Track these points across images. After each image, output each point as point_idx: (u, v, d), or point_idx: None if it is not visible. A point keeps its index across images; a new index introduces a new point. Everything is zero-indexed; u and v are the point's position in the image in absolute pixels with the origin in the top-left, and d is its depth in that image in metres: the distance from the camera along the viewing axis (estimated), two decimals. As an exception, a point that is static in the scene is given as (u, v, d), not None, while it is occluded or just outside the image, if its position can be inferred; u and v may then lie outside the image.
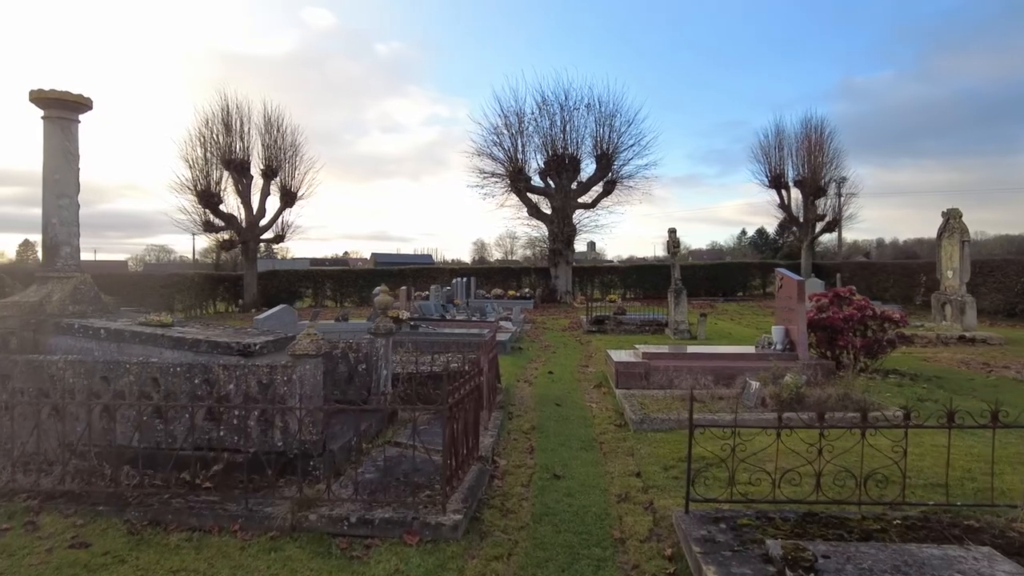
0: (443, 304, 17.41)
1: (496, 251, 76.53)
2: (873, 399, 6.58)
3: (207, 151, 23.10)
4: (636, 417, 6.15)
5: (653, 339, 13.16)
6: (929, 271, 22.26)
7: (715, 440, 4.43)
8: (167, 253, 69.99)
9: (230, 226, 24.13)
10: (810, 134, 29.10)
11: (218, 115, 23.77)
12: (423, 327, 12.07)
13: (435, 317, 13.68)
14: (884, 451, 3.89)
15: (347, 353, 6.69)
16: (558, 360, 10.88)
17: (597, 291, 28.91)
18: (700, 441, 5.34)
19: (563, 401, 7.55)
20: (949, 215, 13.26)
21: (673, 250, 13.89)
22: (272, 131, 24.92)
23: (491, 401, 6.57)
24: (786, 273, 8.67)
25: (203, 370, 4.82)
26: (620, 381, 7.77)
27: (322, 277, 27.55)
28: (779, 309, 8.77)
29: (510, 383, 8.61)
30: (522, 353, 11.59)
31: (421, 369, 7.45)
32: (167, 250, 69.41)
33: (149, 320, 5.82)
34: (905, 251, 63.47)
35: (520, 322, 16.41)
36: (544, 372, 9.57)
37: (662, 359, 7.97)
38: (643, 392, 7.36)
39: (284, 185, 24.88)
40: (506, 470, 5.08)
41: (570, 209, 26.78)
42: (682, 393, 7.07)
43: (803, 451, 3.88)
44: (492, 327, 12.77)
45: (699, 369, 7.65)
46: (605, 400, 7.62)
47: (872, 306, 8.40)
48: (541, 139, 26.87)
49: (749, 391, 6.73)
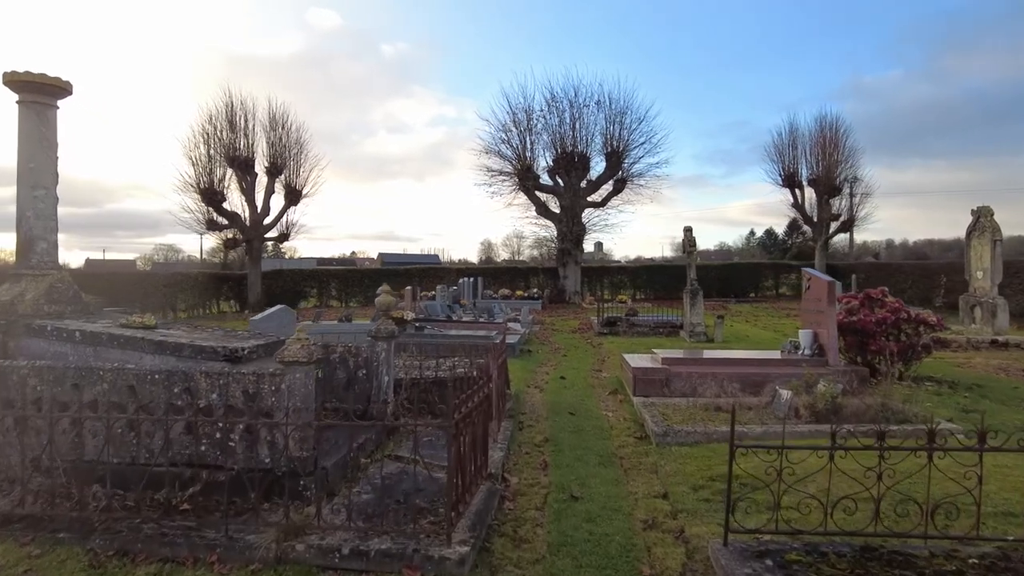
0: (449, 304, 16.95)
1: (503, 251, 76.13)
2: (914, 410, 6.05)
3: (211, 148, 22.77)
4: (658, 429, 5.65)
5: (668, 342, 12.64)
6: (949, 272, 21.65)
7: (751, 458, 3.93)
8: (175, 252, 70.14)
9: (234, 224, 23.77)
10: (825, 132, 28.48)
11: (222, 112, 23.45)
12: (428, 328, 11.60)
13: (441, 318, 13.21)
14: (948, 473, 3.38)
15: (346, 358, 6.23)
16: (569, 364, 10.39)
17: (606, 292, 28.40)
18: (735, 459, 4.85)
19: (577, 410, 7.05)
20: (980, 213, 12.66)
21: (689, 249, 13.36)
22: (277, 128, 24.57)
23: (500, 410, 6.09)
24: (815, 273, 8.15)
25: (183, 377, 4.36)
26: (638, 388, 7.27)
27: (327, 277, 27.18)
28: (806, 311, 8.25)
29: (520, 389, 8.12)
30: (531, 356, 11.10)
31: (426, 374, 6.97)
32: (175, 249, 69.53)
33: (131, 322, 5.36)
34: (915, 252, 62.68)
35: (529, 323, 15.92)
36: (555, 377, 9.08)
37: (683, 365, 7.47)
38: (663, 401, 6.85)
39: (289, 183, 24.51)
40: (518, 490, 4.60)
41: (579, 208, 26.27)
42: (706, 402, 6.56)
43: (855, 472, 3.38)
44: (500, 329, 12.30)
45: (723, 376, 7.14)
46: (622, 409, 7.12)
47: (907, 309, 7.86)
48: (550, 136, 26.43)
49: (779, 401, 6.22)
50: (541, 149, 26.70)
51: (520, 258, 64.26)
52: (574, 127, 26.07)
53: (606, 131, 26.21)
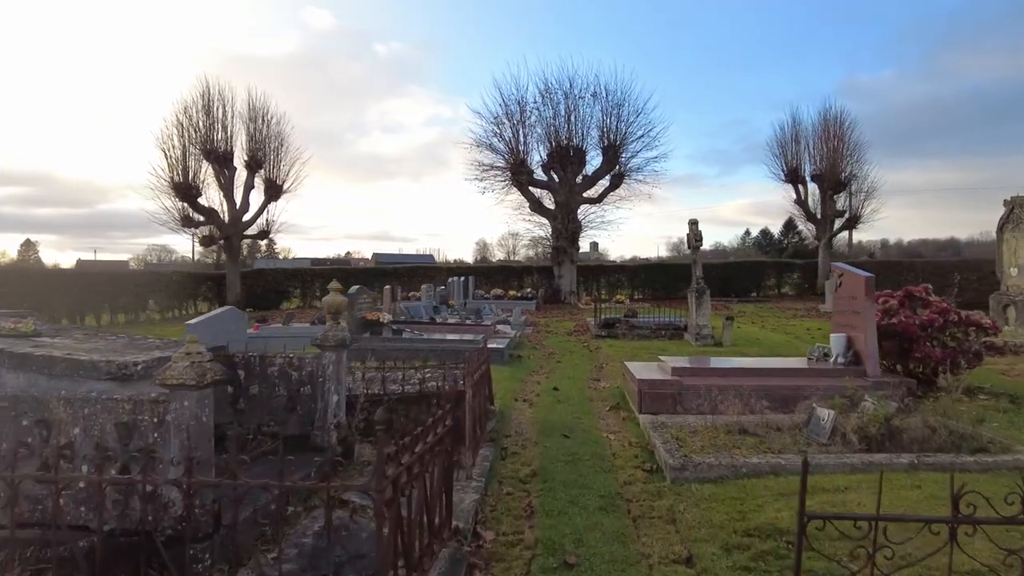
0: (436, 306, 15.81)
1: (499, 251, 75.10)
2: (987, 434, 4.93)
3: (185, 140, 21.54)
4: (674, 461, 4.52)
5: (672, 345, 11.53)
6: (963, 269, 20.61)
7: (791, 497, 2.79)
8: (168, 253, 69.06)
9: (211, 221, 22.57)
10: (829, 125, 27.47)
11: (198, 102, 22.24)
12: (407, 332, 10.46)
13: (424, 320, 12.08)
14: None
15: (287, 371, 5.08)
16: (564, 371, 9.26)
17: (603, 291, 27.30)
18: (771, 503, 3.71)
19: (573, 430, 5.92)
20: (1014, 204, 11.59)
21: (694, 244, 12.23)
22: (257, 120, 23.40)
23: (478, 436, 4.95)
24: (848, 268, 7.05)
25: (35, 405, 3.22)
26: (644, 404, 6.15)
27: (311, 277, 25.97)
28: (837, 312, 7.14)
29: (506, 404, 6.99)
30: (521, 363, 9.97)
31: (391, 389, 5.83)
32: (168, 250, 68.42)
33: (1, 328, 4.21)
34: (910, 251, 62.23)
35: (521, 325, 14.79)
36: (547, 388, 7.94)
37: (698, 376, 6.35)
38: (675, 420, 5.72)
39: (269, 178, 23.33)
40: (493, 551, 3.46)
41: (575, 204, 25.16)
42: (728, 422, 5.44)
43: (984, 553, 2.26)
44: (487, 332, 11.16)
45: (745, 389, 6.02)
46: (625, 429, 5.99)
47: (955, 309, 6.76)
48: (544, 129, 25.32)
49: (818, 421, 5.10)
50: (535, 143, 25.62)
51: (516, 258, 63.15)
52: (569, 120, 24.99)
53: (602, 124, 25.14)
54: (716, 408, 5.91)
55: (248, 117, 23.30)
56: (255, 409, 5.08)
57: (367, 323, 10.18)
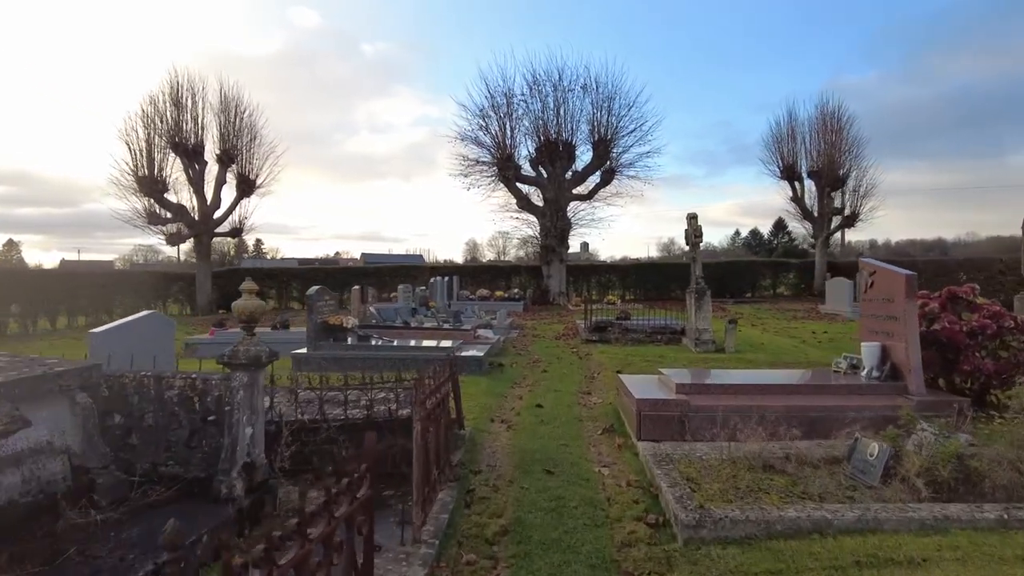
0: (414, 308, 14.69)
1: (489, 251, 74.04)
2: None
3: (151, 131, 20.26)
4: (687, 516, 3.45)
5: (670, 352, 10.49)
6: (968, 268, 19.76)
7: None
8: (155, 253, 67.60)
9: (179, 218, 21.29)
10: (826, 119, 26.59)
11: (166, 92, 20.97)
12: (376, 338, 9.35)
13: (397, 324, 10.96)
14: None
15: (188, 397, 3.98)
16: (550, 383, 8.18)
17: (594, 292, 26.29)
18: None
19: (557, 463, 4.84)
20: (1041, 196, 10.67)
21: (694, 240, 11.19)
22: (229, 112, 22.15)
23: (433, 480, 3.85)
24: (882, 265, 6.05)
25: None
26: (644, 429, 5.09)
27: (287, 277, 24.72)
28: (868, 317, 6.11)
29: (479, 424, 5.91)
30: (503, 373, 8.88)
31: (333, 414, 4.72)
32: (155, 250, 66.80)
33: None
34: (898, 252, 62.10)
35: (506, 328, 13.71)
36: (530, 404, 6.86)
37: (708, 394, 5.30)
38: (683, 450, 4.67)
39: (241, 172, 22.09)
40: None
41: (564, 201, 24.10)
42: (748, 452, 4.38)
43: None
44: (466, 338, 10.08)
45: (767, 411, 4.98)
46: (622, 460, 4.93)
47: (1010, 314, 5.75)
48: (532, 123, 24.21)
49: (865, 456, 4.06)
50: (522, 137, 24.50)
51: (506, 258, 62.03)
52: (558, 113, 23.90)
53: (593, 118, 24.07)
54: (732, 434, 4.84)
55: (220, 108, 22.08)
56: (150, 445, 3.97)
57: (329, 328, 9.06)
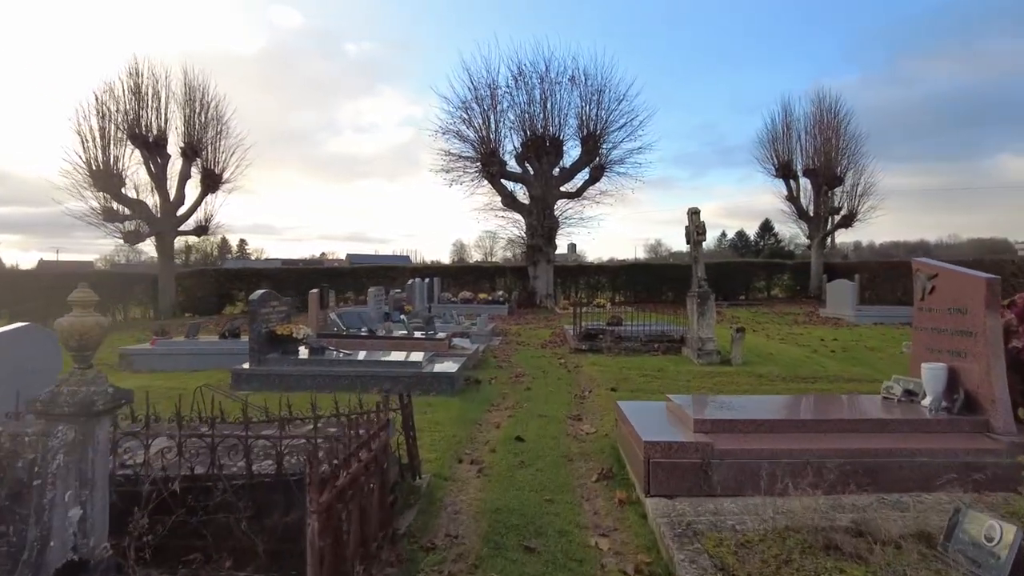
0: (387, 313, 13.40)
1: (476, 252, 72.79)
2: None
3: (107, 121, 18.76)
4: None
5: (670, 363, 9.30)
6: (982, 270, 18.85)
7: None
8: (137, 254, 65.56)
9: (139, 215, 19.80)
10: (823, 114, 25.65)
11: (125, 80, 19.49)
12: (332, 351, 8.06)
13: (362, 333, 9.67)
14: None
15: (-16, 462, 2.70)
16: (534, 405, 6.95)
17: (582, 294, 25.14)
18: None
19: (540, 531, 3.61)
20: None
21: (696, 238, 9.99)
22: (194, 103, 20.71)
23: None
24: (946, 266, 4.91)
25: None
26: (655, 481, 3.87)
27: (257, 278, 23.28)
28: (926, 331, 4.95)
29: (442, 468, 4.66)
30: (479, 392, 7.63)
31: (232, 468, 3.44)
32: (137, 251, 64.77)
33: None
34: (882, 253, 61.98)
35: (487, 335, 12.47)
36: (508, 436, 5.62)
37: (735, 431, 4.09)
38: (707, 511, 3.47)
39: (207, 167, 20.65)
40: None
41: (551, 198, 22.90)
42: (807, 523, 3.17)
43: None
44: (439, 348, 8.82)
45: (811, 455, 3.79)
46: (625, 526, 3.71)
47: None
48: (518, 116, 22.99)
49: (975, 536, 2.86)
50: (507, 131, 23.28)
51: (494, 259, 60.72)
52: (545, 106, 22.68)
53: (581, 111, 22.89)
54: (771, 486, 3.64)
55: (184, 99, 20.62)
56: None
57: (276, 339, 7.76)
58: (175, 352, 9.70)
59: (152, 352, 9.71)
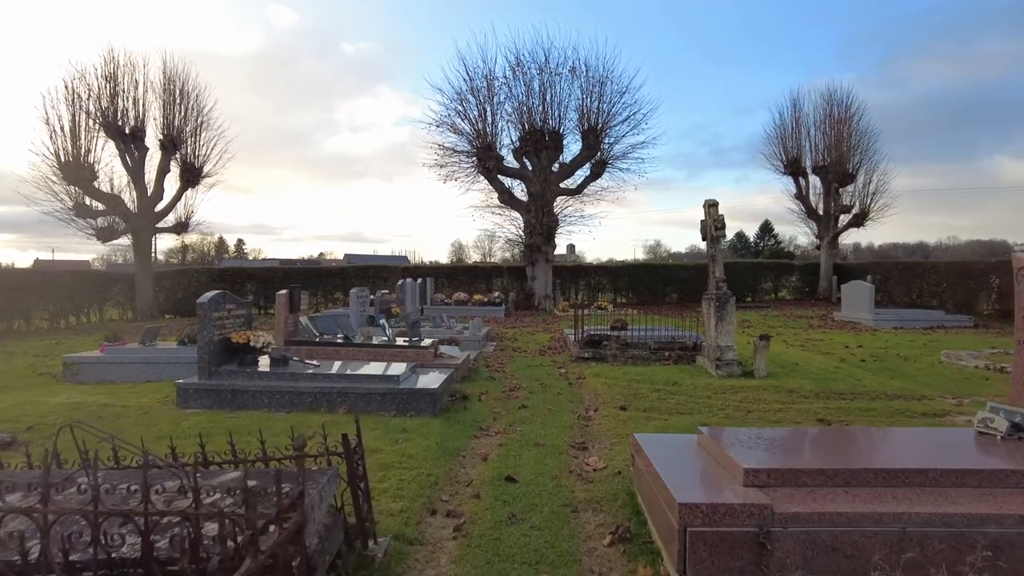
0: (371, 316, 12.30)
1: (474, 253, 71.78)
2: None
3: (76, 109, 17.65)
4: None
5: (684, 375, 8.22)
6: (1000, 272, 17.81)
7: None
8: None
9: (113, 210, 18.69)
10: (834, 109, 24.60)
11: (99, 68, 18.38)
12: (297, 362, 6.96)
13: (337, 340, 8.57)
14: None
15: None
16: (529, 429, 5.86)
17: (582, 295, 24.07)
18: None
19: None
20: None
21: (714, 233, 8.91)
22: (174, 92, 19.61)
23: None
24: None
25: None
26: (694, 560, 2.78)
27: (241, 278, 22.17)
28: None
29: (407, 526, 3.56)
30: (465, 411, 6.54)
31: (122, 552, 2.35)
32: (135, 250, 63.70)
33: None
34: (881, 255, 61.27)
35: (480, 340, 11.38)
36: (496, 475, 4.52)
37: (801, 484, 3.00)
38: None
39: (186, 160, 19.55)
40: None
41: (550, 195, 21.81)
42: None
43: None
44: (424, 358, 7.73)
45: (908, 521, 2.71)
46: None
47: None
48: (515, 109, 21.89)
49: None
50: (504, 124, 22.18)
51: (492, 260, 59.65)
52: (544, 98, 21.57)
53: (582, 104, 21.79)
54: (855, 567, 2.54)
55: (163, 89, 19.52)
56: None
57: (232, 348, 6.68)
58: (126, 360, 8.60)
59: (100, 360, 8.62)
